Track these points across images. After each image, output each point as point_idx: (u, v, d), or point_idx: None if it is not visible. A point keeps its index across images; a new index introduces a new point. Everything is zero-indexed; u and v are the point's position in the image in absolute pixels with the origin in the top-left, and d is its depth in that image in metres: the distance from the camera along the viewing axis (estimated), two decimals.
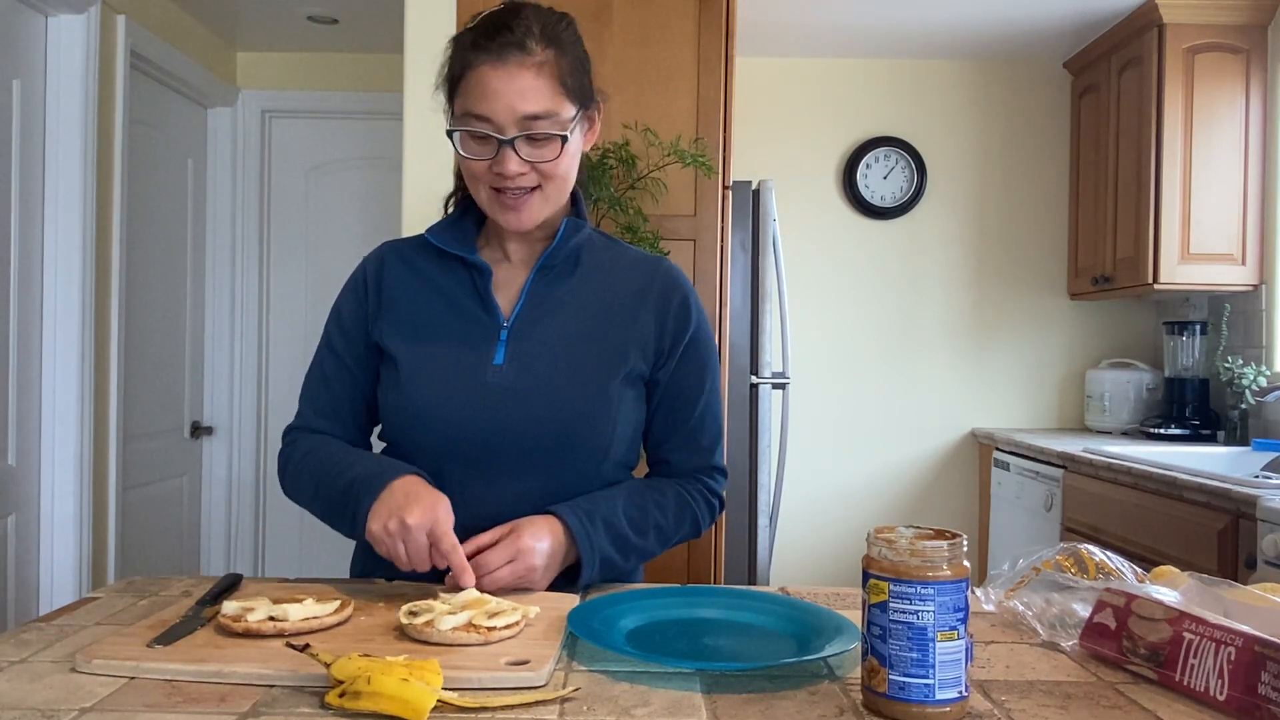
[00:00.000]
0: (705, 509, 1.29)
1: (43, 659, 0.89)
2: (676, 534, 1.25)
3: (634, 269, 1.28)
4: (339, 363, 1.28)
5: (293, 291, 3.87)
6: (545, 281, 1.24)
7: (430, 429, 1.19)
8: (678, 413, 1.28)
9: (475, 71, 1.14)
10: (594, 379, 1.20)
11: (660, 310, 1.25)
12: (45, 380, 2.71)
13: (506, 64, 1.13)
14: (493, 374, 1.19)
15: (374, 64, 3.79)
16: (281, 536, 3.87)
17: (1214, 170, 3.09)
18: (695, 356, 1.27)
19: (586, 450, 1.20)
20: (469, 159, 1.17)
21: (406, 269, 1.27)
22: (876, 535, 0.79)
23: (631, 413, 1.24)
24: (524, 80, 1.13)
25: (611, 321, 1.23)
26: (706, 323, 1.30)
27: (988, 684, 0.86)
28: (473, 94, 1.14)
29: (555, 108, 1.15)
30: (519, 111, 1.13)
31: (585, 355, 1.21)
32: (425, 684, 0.76)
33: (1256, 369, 3.00)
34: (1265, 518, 2.05)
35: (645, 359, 1.24)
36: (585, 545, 1.14)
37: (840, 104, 3.78)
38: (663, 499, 1.24)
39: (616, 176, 2.25)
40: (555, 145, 1.16)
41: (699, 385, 1.28)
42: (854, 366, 3.78)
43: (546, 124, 1.15)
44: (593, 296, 1.24)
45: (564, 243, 1.23)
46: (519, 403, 1.18)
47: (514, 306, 1.23)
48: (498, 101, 1.13)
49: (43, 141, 2.68)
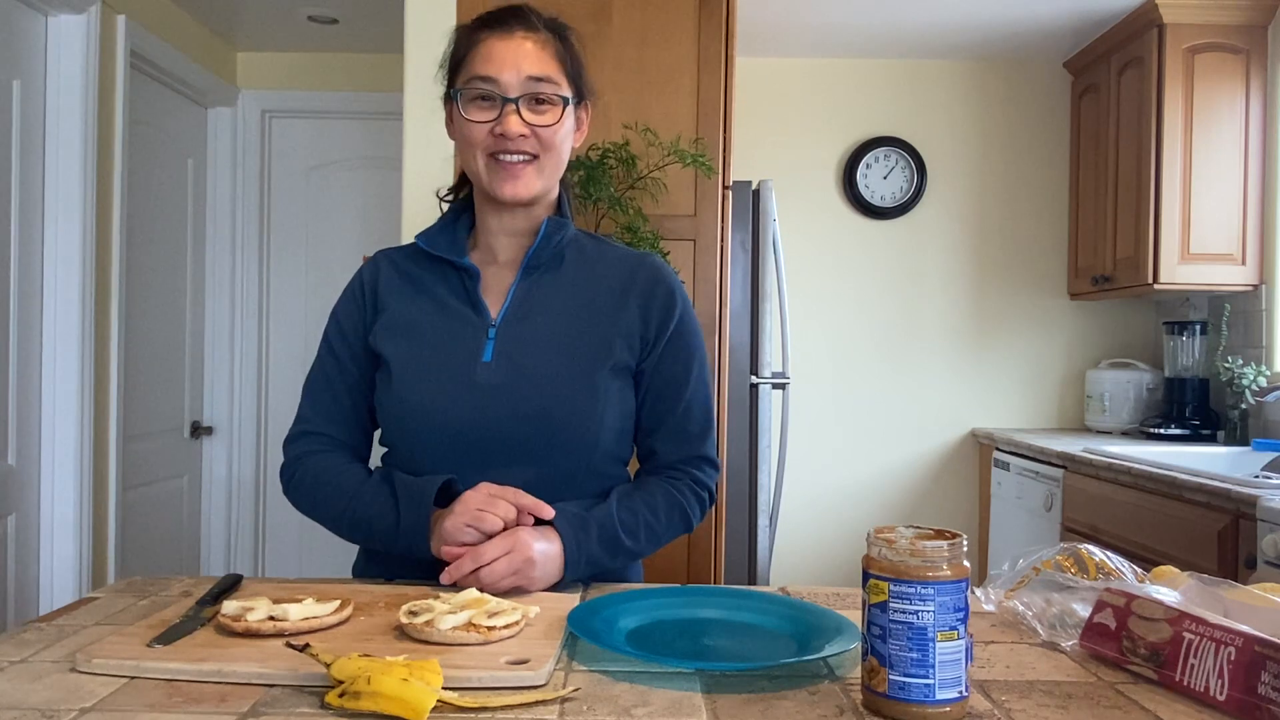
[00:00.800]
0: (695, 503, 1.29)
1: (43, 659, 0.89)
2: (667, 532, 1.26)
3: (619, 265, 1.30)
4: (340, 367, 1.31)
5: (293, 291, 3.87)
6: (531, 280, 1.27)
7: (423, 426, 1.21)
8: (664, 402, 1.29)
9: (483, 44, 1.21)
10: (580, 372, 1.22)
11: (644, 302, 1.27)
12: (45, 380, 2.71)
13: (513, 34, 1.20)
14: (481, 371, 1.21)
15: (374, 64, 3.79)
16: (281, 536, 3.87)
17: (1214, 170, 3.09)
18: (680, 346, 1.28)
19: (575, 441, 1.22)
20: (471, 121, 1.20)
21: (399, 275, 1.30)
22: (876, 535, 0.79)
23: (619, 404, 1.25)
24: (528, 48, 1.20)
25: (597, 316, 1.26)
26: (692, 313, 1.31)
27: (988, 684, 0.86)
28: (477, 61, 1.20)
29: (556, 78, 1.22)
30: (524, 72, 1.19)
31: (571, 349, 1.23)
32: (425, 684, 0.76)
33: (1256, 369, 3.00)
34: (1265, 518, 2.05)
35: (631, 350, 1.26)
36: (571, 544, 1.14)
37: (840, 104, 3.78)
38: (652, 499, 1.25)
39: (616, 176, 2.25)
40: (556, 110, 1.22)
41: (685, 375, 1.29)
42: (854, 366, 3.78)
43: (549, 88, 1.21)
44: (578, 293, 1.27)
45: (547, 241, 1.26)
46: (507, 398, 1.20)
47: (502, 306, 1.26)
48: (504, 62, 1.19)
49: (43, 141, 2.68)
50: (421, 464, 1.22)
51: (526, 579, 1.10)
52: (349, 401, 1.30)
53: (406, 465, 1.24)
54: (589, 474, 1.24)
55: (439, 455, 1.21)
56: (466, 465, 1.20)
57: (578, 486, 1.23)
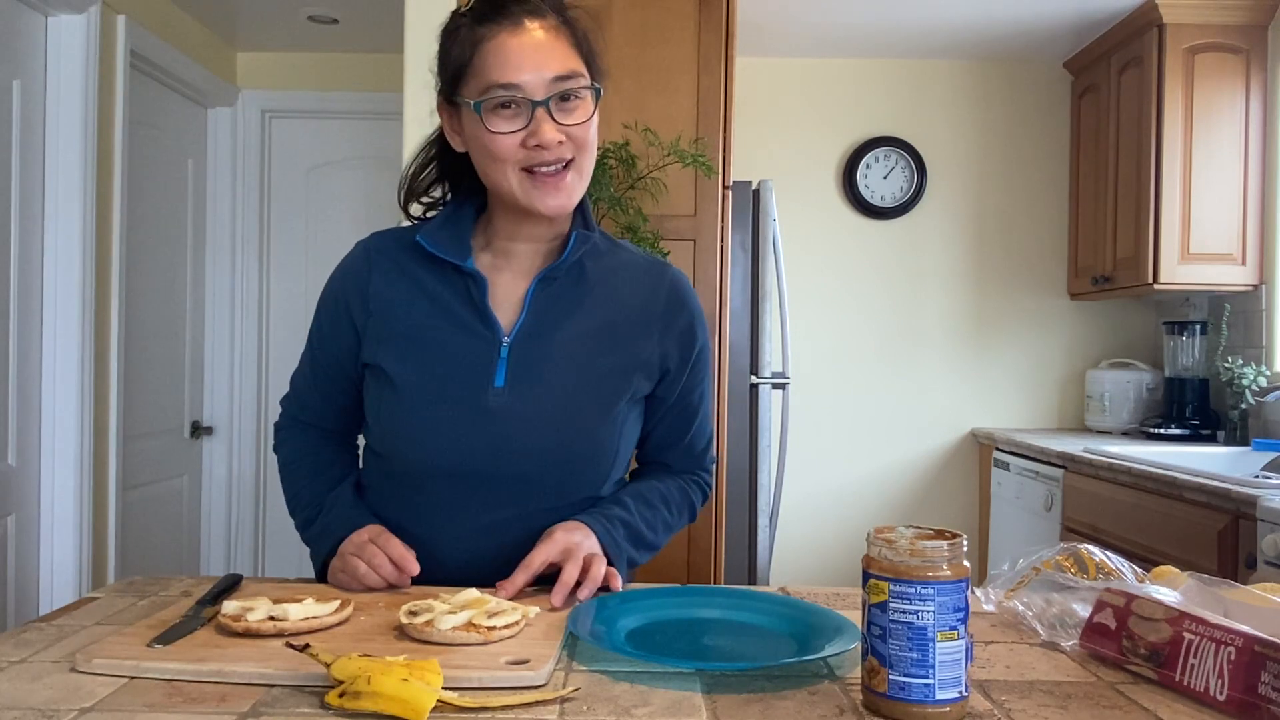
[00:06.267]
0: (700, 496, 1.33)
1: (43, 659, 0.89)
2: (678, 525, 1.28)
3: (640, 280, 1.22)
4: (318, 370, 1.27)
5: (293, 291, 3.87)
6: (548, 294, 1.17)
7: (426, 451, 1.14)
8: (679, 424, 1.28)
9: (492, 43, 1.07)
10: (600, 403, 1.15)
11: (665, 332, 1.21)
12: (45, 380, 2.70)
13: (523, 28, 1.07)
14: (493, 396, 1.12)
15: (374, 64, 3.79)
16: (281, 536, 3.87)
17: (1214, 170, 3.09)
18: (698, 373, 1.27)
19: (589, 475, 1.18)
20: (499, 135, 1.08)
21: (396, 272, 1.18)
22: (876, 535, 0.79)
23: (632, 433, 1.24)
24: (547, 42, 1.08)
25: (617, 340, 1.17)
26: (707, 335, 1.28)
27: (988, 684, 0.86)
28: (492, 66, 1.07)
29: (579, 69, 1.10)
30: (548, 73, 1.07)
31: (591, 376, 1.15)
32: (425, 684, 0.76)
33: (1256, 369, 3.00)
34: (1265, 518, 2.05)
35: (649, 379, 1.21)
36: (613, 549, 1.13)
37: (840, 104, 3.78)
38: (668, 494, 1.26)
39: (616, 176, 2.25)
40: (588, 105, 1.10)
41: (700, 399, 1.29)
42: (854, 366, 3.78)
43: (576, 83, 1.09)
44: (597, 310, 1.18)
45: (571, 254, 1.16)
46: (520, 429, 1.12)
47: (514, 320, 1.16)
48: (523, 65, 1.06)
49: (43, 141, 2.68)
50: (415, 484, 1.17)
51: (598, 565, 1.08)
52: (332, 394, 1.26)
53: (397, 481, 1.19)
54: (593, 503, 1.20)
55: (436, 478, 1.15)
56: (466, 491, 1.15)
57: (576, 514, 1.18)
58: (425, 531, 1.16)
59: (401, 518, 1.18)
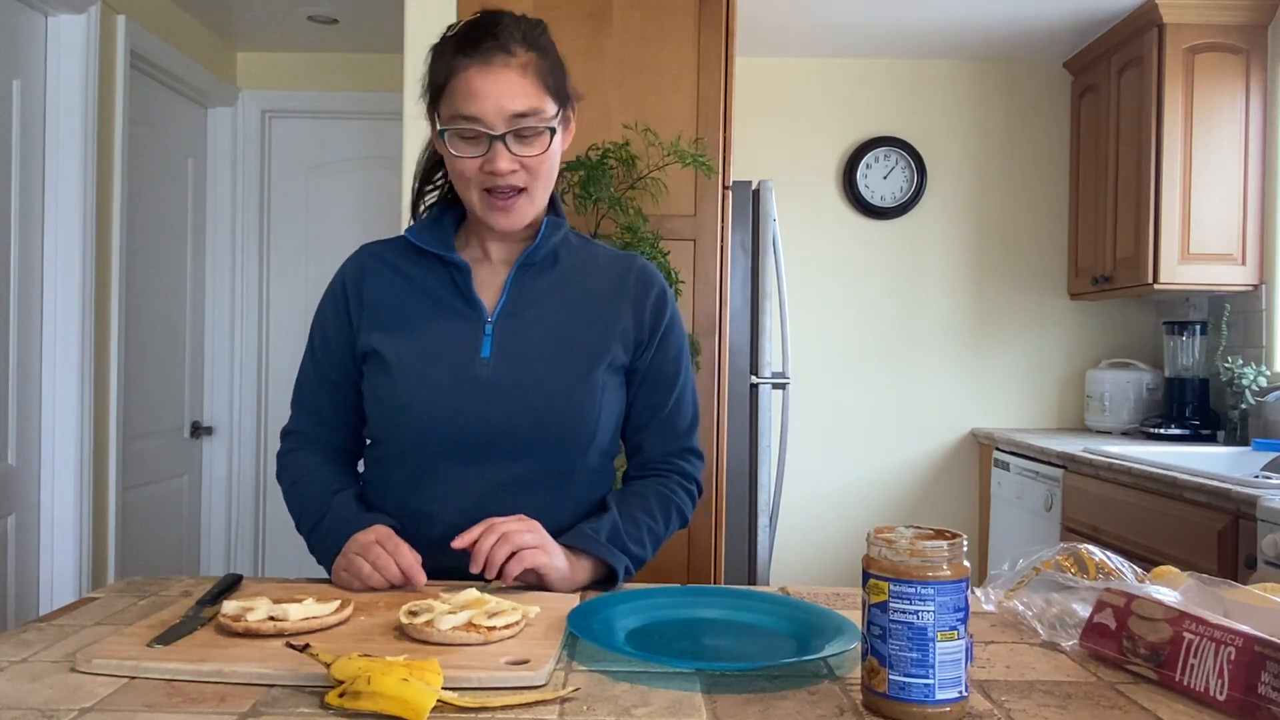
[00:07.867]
0: (686, 498, 1.34)
1: (43, 659, 0.89)
2: (666, 533, 1.30)
3: (610, 267, 1.33)
4: (320, 373, 1.33)
5: (293, 291, 3.87)
6: (526, 278, 1.28)
7: (420, 422, 1.22)
8: (655, 398, 1.32)
9: (461, 76, 1.17)
10: (579, 369, 1.24)
11: (637, 303, 1.30)
12: (45, 380, 2.70)
13: (492, 66, 1.17)
14: (480, 367, 1.22)
15: (374, 64, 3.79)
16: (281, 536, 3.87)
17: (1214, 170, 3.09)
18: (671, 344, 1.33)
19: (574, 438, 1.25)
20: (460, 158, 1.20)
21: (387, 270, 1.30)
22: (876, 535, 0.79)
23: (614, 400, 1.29)
24: (510, 80, 1.17)
25: (592, 315, 1.28)
26: (678, 312, 1.36)
27: (988, 684, 0.86)
28: (460, 97, 1.18)
29: (540, 105, 1.19)
30: (507, 110, 1.17)
31: (569, 347, 1.25)
32: (425, 684, 0.76)
33: (1256, 369, 3.00)
34: (1265, 518, 2.05)
35: (626, 349, 1.29)
36: (612, 558, 1.18)
37: (840, 104, 3.78)
38: (648, 503, 1.28)
39: (616, 176, 2.25)
40: (543, 140, 1.21)
41: (675, 372, 1.33)
42: (854, 366, 3.78)
43: (533, 120, 1.19)
44: (572, 292, 1.29)
45: (544, 241, 1.27)
46: (508, 394, 1.21)
47: (497, 302, 1.27)
48: (486, 101, 1.16)
49: (43, 141, 2.68)
50: (413, 460, 1.24)
51: (546, 555, 1.12)
52: (333, 405, 1.33)
53: (396, 461, 1.26)
54: (584, 469, 1.27)
55: (430, 449, 1.22)
56: (459, 460, 1.22)
57: (573, 481, 1.26)
58: (422, 502, 1.24)
59: (401, 492, 1.26)
